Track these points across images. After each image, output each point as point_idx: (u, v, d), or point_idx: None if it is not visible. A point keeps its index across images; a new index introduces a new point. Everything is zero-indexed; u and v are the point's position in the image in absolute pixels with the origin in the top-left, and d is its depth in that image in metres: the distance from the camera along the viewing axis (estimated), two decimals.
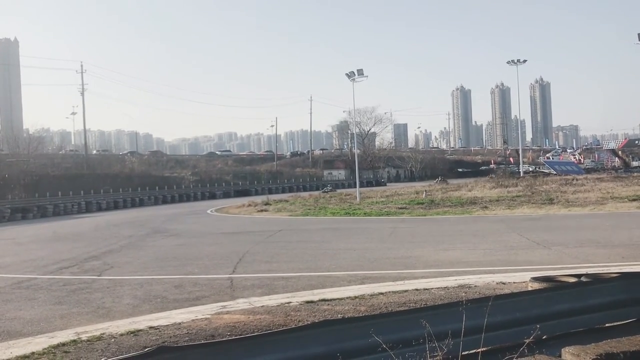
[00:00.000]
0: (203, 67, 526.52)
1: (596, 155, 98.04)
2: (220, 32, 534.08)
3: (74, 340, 6.83)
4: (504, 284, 9.28)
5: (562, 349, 4.59)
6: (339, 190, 57.08)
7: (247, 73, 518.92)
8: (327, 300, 8.55)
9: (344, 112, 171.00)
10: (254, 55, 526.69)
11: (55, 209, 46.06)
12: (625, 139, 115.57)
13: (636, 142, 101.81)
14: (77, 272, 13.39)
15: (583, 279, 6.91)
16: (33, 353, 6.39)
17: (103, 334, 7.11)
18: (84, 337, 6.99)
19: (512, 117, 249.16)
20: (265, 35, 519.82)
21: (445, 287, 9.18)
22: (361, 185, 47.96)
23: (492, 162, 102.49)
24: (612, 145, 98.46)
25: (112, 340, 6.82)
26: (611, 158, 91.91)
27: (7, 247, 21.30)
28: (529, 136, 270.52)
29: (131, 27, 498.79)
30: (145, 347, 5.95)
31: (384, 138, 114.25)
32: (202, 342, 5.90)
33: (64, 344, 6.69)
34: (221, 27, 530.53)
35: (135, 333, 7.09)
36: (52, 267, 14.57)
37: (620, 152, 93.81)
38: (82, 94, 77.84)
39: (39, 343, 6.86)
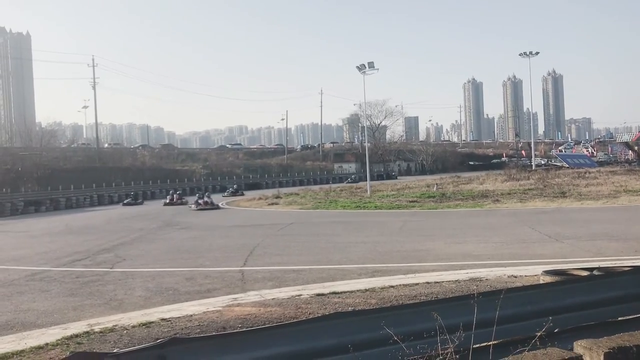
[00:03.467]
0: (213, 61, 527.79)
1: (609, 148, 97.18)
2: (231, 25, 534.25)
3: (87, 332, 6.90)
4: (515, 277, 9.25)
5: (575, 342, 4.56)
6: (349, 184, 57.00)
7: (257, 66, 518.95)
8: (338, 293, 8.57)
9: (354, 105, 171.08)
10: (265, 48, 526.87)
11: (67, 202, 46.45)
12: (639, 132, 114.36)
13: None
14: (89, 265, 13.50)
15: (595, 272, 6.86)
16: (47, 344, 6.46)
17: (115, 325, 7.17)
18: (96, 328, 7.06)
19: (524, 109, 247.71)
20: (276, 29, 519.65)
21: (456, 281, 9.17)
22: (372, 179, 47.86)
23: (504, 155, 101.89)
24: (626, 138, 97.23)
25: (125, 332, 6.88)
26: (624, 151, 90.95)
27: (21, 240, 21.52)
28: (541, 129, 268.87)
29: (143, 20, 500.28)
30: (157, 339, 5.99)
31: (395, 131, 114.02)
32: (214, 333, 5.94)
33: (77, 335, 6.75)
34: (231, 21, 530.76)
35: (147, 325, 7.15)
36: (65, 259, 14.71)
37: (634, 145, 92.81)
38: (94, 87, 78.45)
39: (52, 334, 6.93)
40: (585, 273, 6.91)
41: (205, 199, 36.09)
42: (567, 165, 64.27)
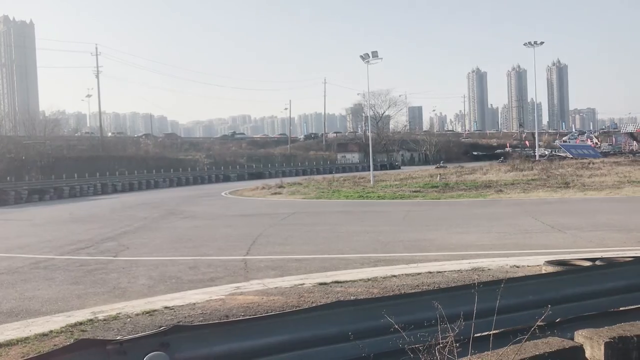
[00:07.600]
0: (217, 50, 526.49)
1: (614, 139, 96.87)
2: (235, 15, 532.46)
3: (91, 320, 6.95)
4: (517, 267, 9.26)
5: (575, 332, 4.58)
6: (352, 174, 56.90)
7: (261, 56, 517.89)
8: (340, 282, 8.60)
9: (358, 94, 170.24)
10: (269, 38, 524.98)
11: (71, 191, 46.56)
12: None
13: None
14: (93, 253, 13.56)
15: (597, 262, 6.87)
16: (51, 331, 6.51)
17: (119, 313, 7.22)
18: (100, 316, 7.11)
19: (529, 100, 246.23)
20: (280, 18, 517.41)
21: (458, 270, 9.19)
22: (375, 169, 47.80)
23: (508, 145, 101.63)
24: (630, 128, 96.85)
25: (128, 319, 6.93)
26: (629, 142, 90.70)
27: (25, 228, 21.61)
28: (545, 119, 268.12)
29: (146, 9, 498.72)
30: (161, 327, 6.02)
31: (399, 121, 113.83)
32: (216, 321, 5.97)
33: (81, 323, 6.80)
34: (235, 10, 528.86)
35: (150, 313, 7.19)
36: (68, 247, 14.78)
37: (638, 136, 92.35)
38: (97, 76, 78.34)
39: (57, 322, 6.98)
40: (587, 263, 6.91)
41: None
42: (571, 156, 64.10)
